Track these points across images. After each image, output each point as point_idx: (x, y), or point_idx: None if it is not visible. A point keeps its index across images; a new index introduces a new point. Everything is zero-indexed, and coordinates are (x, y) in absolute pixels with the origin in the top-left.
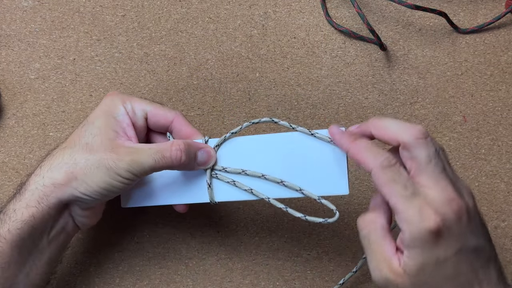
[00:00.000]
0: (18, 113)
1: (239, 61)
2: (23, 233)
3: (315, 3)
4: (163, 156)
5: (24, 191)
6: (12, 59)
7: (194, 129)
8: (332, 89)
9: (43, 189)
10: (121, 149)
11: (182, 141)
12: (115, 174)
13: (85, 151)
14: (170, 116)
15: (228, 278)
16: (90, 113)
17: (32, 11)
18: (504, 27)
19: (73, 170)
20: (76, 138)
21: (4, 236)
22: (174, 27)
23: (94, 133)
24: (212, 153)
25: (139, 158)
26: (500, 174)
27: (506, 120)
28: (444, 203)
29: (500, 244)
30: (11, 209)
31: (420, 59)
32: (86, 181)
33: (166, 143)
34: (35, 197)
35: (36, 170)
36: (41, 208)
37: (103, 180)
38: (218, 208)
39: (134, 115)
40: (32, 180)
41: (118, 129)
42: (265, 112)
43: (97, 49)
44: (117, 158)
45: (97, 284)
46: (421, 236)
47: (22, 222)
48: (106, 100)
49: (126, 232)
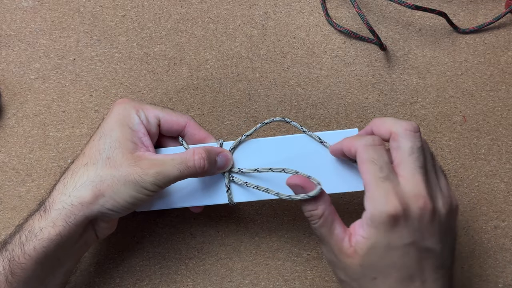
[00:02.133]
0: (18, 113)
1: (239, 61)
2: (48, 251)
3: (315, 3)
4: (188, 166)
5: (49, 209)
6: (12, 59)
7: (207, 133)
8: (332, 89)
9: (70, 208)
10: (144, 162)
11: (202, 148)
12: (141, 188)
13: (109, 166)
14: (183, 121)
15: (228, 278)
16: (103, 122)
17: (32, 11)
18: (504, 27)
19: (100, 188)
20: (95, 152)
21: (29, 253)
22: (174, 27)
23: (113, 146)
24: (229, 157)
25: (164, 170)
26: (500, 174)
27: (506, 120)
28: (412, 196)
29: (500, 244)
30: (37, 228)
31: (420, 59)
32: (113, 197)
33: (188, 152)
34: (62, 216)
35: (60, 188)
36: (68, 226)
37: (129, 195)
38: (218, 208)
39: (148, 123)
40: (57, 198)
41: (136, 140)
42: (265, 112)
43: (97, 49)
44: (142, 172)
45: (97, 284)
46: (380, 218)
47: (49, 240)
48: (118, 109)
49: (126, 232)
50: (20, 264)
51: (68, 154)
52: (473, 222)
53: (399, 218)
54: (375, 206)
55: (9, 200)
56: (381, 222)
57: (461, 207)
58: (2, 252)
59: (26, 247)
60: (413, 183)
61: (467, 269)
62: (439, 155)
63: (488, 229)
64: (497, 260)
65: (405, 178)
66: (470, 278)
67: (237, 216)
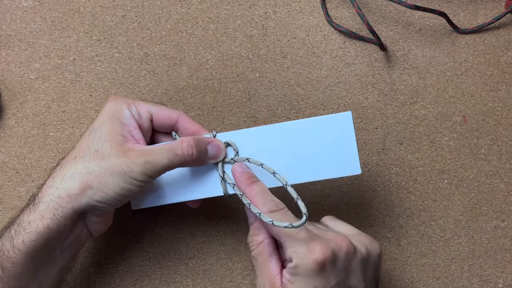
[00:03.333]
0: (18, 113)
1: (239, 61)
2: (37, 245)
3: (315, 3)
4: (176, 154)
5: (38, 203)
6: (12, 59)
7: (199, 126)
8: (332, 89)
9: (58, 200)
10: (132, 153)
11: (191, 137)
12: (130, 178)
13: (96, 158)
14: (175, 115)
15: (228, 278)
16: (95, 119)
17: (32, 11)
18: (504, 27)
19: (88, 179)
20: (85, 146)
21: (18, 247)
22: (174, 27)
23: (102, 140)
24: (221, 146)
25: (153, 159)
26: (500, 174)
27: (506, 120)
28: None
29: (500, 244)
30: (26, 221)
31: (420, 59)
32: (101, 189)
33: (176, 141)
34: (50, 209)
35: (49, 182)
36: (56, 219)
37: (118, 186)
38: (218, 208)
39: (140, 118)
40: (45, 192)
41: (126, 133)
42: (265, 112)
43: (97, 49)
44: (130, 162)
45: (97, 284)
46: (307, 265)
47: (37, 233)
48: (110, 104)
49: (126, 232)
50: (10, 259)
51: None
52: (473, 222)
53: (325, 263)
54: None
55: (9, 200)
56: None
57: (461, 207)
58: None
59: (15, 241)
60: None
61: (467, 269)
62: (439, 155)
63: (488, 229)
64: (497, 260)
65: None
66: (470, 278)
67: (237, 216)
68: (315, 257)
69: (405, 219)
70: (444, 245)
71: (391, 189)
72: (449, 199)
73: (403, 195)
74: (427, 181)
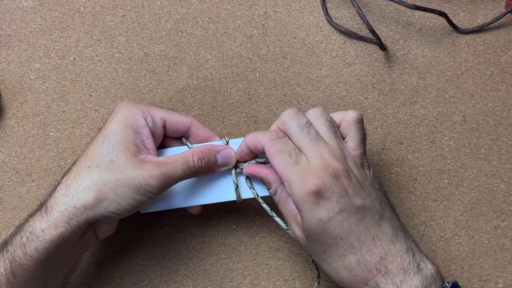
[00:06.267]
0: (18, 113)
1: (239, 61)
2: (49, 252)
3: (315, 3)
4: (189, 166)
5: (51, 210)
6: (12, 59)
7: (211, 132)
8: (332, 89)
9: (73, 210)
10: (148, 165)
11: (201, 148)
12: (145, 191)
13: (112, 170)
14: (188, 122)
15: (228, 278)
16: (106, 124)
17: (32, 11)
18: (504, 27)
19: (104, 191)
20: (99, 155)
21: (30, 254)
22: (174, 27)
23: (117, 149)
24: (232, 154)
25: (169, 171)
26: (500, 174)
27: (506, 120)
28: (321, 168)
29: (500, 244)
30: (39, 229)
31: (420, 59)
32: (117, 200)
33: (188, 152)
34: (64, 218)
35: (62, 189)
36: (70, 228)
37: (133, 198)
38: (218, 208)
39: (154, 125)
40: (59, 200)
41: (139, 143)
42: (265, 112)
43: (97, 49)
44: (147, 175)
45: (97, 284)
46: (303, 198)
47: (50, 242)
48: (123, 111)
49: (126, 232)
50: (22, 265)
51: (68, 154)
52: (473, 222)
53: (319, 191)
54: (295, 190)
55: (9, 200)
56: (305, 202)
57: (461, 207)
58: (3, 253)
59: (27, 248)
60: (318, 156)
61: (467, 269)
62: (439, 155)
63: (488, 229)
64: (497, 260)
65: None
66: (470, 278)
67: (237, 216)
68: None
69: (405, 219)
70: (444, 245)
71: (391, 189)
72: (449, 199)
73: (403, 195)
74: (427, 181)
